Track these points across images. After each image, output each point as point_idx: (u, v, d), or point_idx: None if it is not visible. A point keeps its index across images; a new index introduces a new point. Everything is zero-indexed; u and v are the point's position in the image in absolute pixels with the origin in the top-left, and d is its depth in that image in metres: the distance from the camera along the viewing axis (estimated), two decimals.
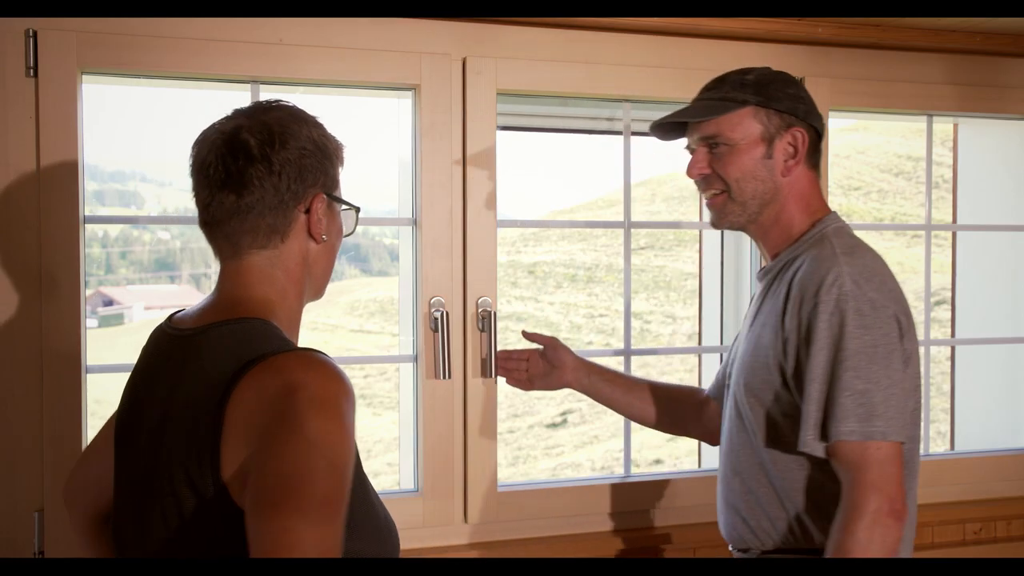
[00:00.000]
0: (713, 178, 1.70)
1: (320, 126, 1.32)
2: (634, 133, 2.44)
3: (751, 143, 1.66)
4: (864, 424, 1.49)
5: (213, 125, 1.29)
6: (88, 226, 2.01)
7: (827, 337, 1.53)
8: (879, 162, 22.09)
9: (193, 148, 1.29)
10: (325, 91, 2.21)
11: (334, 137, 1.34)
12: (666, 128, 1.77)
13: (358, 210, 1.39)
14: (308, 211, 1.28)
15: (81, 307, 1.97)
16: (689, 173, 1.73)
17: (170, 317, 1.33)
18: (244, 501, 1.08)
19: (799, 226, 1.69)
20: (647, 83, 2.31)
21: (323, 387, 1.10)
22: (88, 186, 2.02)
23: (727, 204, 1.70)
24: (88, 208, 1.99)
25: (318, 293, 1.35)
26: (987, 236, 2.79)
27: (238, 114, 1.29)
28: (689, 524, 2.37)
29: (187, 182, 1.31)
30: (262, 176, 1.23)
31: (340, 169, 1.35)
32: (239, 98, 2.13)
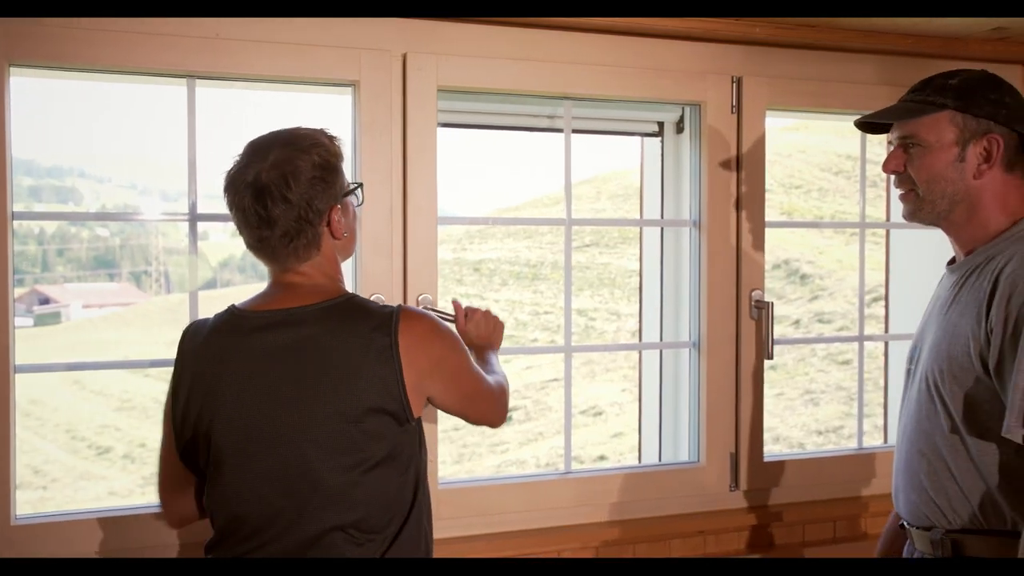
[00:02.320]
0: (905, 176, 1.77)
1: (319, 145, 1.58)
2: (575, 131, 2.44)
3: (944, 146, 1.71)
4: None
5: (237, 171, 1.56)
6: (23, 223, 1.96)
7: None
8: (819, 161, 22.46)
9: (226, 192, 1.58)
10: (264, 87, 2.19)
11: (331, 144, 1.61)
12: (871, 124, 1.85)
13: (361, 185, 1.69)
14: (329, 223, 1.59)
15: (9, 304, 1.92)
16: (884, 168, 1.80)
17: (233, 309, 1.61)
18: (436, 400, 1.63)
19: (996, 224, 1.73)
20: (587, 81, 2.32)
21: (440, 327, 1.64)
22: (24, 181, 2.00)
23: (916, 201, 1.77)
24: (24, 204, 1.98)
25: (348, 257, 1.74)
26: (919, 234, 2.85)
27: (252, 157, 1.56)
28: (632, 519, 2.39)
29: (126, 178, 1.35)
30: (286, 212, 1.54)
31: (342, 163, 1.62)
32: (176, 93, 2.09)
